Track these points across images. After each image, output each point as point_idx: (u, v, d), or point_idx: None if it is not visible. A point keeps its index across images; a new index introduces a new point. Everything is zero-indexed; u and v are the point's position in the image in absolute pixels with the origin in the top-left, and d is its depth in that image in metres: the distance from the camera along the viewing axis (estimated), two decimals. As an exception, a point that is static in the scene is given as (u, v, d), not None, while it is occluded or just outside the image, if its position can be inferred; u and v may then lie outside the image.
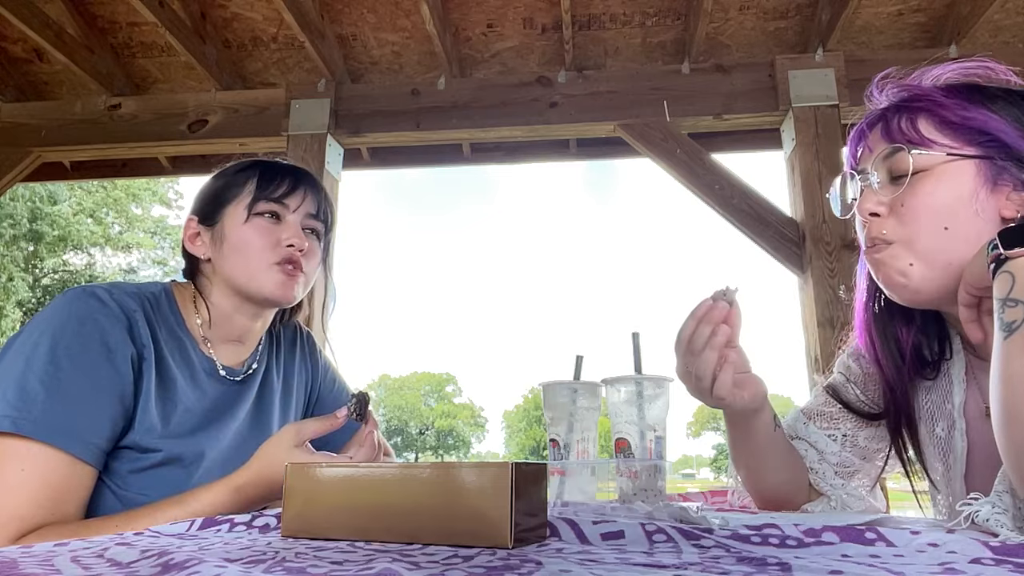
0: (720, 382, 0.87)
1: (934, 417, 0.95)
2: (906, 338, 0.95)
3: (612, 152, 3.52)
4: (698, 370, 0.87)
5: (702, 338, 0.86)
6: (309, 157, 2.91)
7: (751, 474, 1.03)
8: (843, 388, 1.07)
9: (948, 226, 0.80)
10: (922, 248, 0.82)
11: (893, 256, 0.84)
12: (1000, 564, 0.45)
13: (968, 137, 0.82)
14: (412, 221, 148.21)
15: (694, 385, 0.89)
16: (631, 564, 0.45)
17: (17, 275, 19.48)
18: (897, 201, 0.84)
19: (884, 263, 0.85)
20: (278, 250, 1.07)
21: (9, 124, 3.17)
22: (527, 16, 2.89)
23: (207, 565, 0.41)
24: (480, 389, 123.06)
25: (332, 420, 0.96)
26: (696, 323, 0.87)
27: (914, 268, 0.83)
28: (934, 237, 0.81)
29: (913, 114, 0.86)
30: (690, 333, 0.87)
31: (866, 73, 2.74)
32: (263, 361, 1.17)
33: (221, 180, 1.13)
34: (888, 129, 0.87)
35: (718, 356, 0.86)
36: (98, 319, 0.93)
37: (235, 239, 1.07)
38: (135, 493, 0.94)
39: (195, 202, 1.15)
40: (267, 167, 1.12)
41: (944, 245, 0.81)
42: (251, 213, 1.07)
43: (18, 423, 0.84)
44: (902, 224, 0.83)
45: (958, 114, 0.83)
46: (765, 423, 0.96)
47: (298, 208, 1.11)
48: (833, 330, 2.51)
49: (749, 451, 0.99)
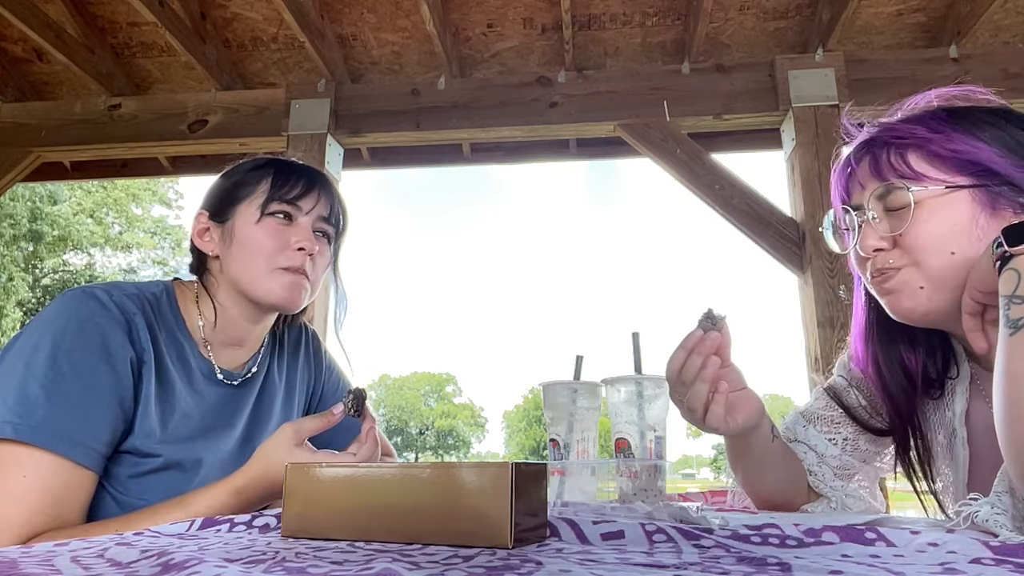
0: (712, 413, 0.87)
1: (936, 426, 0.95)
2: (914, 362, 0.95)
3: (612, 152, 3.52)
4: (689, 402, 0.87)
5: (693, 369, 0.86)
6: (309, 157, 2.91)
7: (749, 481, 1.03)
8: (844, 392, 1.06)
9: (954, 251, 0.82)
10: (932, 271, 0.83)
11: (903, 281, 0.85)
12: (1000, 564, 0.45)
13: (959, 168, 0.83)
14: (412, 221, 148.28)
15: (687, 415, 0.90)
16: (631, 564, 0.45)
17: (17, 275, 19.47)
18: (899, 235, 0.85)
19: (896, 289, 0.86)
20: (287, 253, 1.05)
21: (9, 124, 3.17)
22: (527, 16, 2.89)
23: (207, 565, 0.41)
24: (480, 389, 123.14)
25: (329, 417, 0.95)
26: (686, 354, 0.86)
27: (925, 291, 0.84)
28: (942, 260, 0.82)
29: (901, 149, 0.86)
30: (680, 364, 0.87)
31: (866, 73, 2.77)
32: (263, 364, 1.16)
33: (234, 177, 1.11)
34: (877, 164, 0.88)
35: (709, 388, 0.86)
36: (98, 322, 0.92)
37: (245, 238, 1.05)
38: (135, 498, 0.94)
39: (206, 197, 1.13)
40: (282, 166, 1.10)
41: (952, 268, 0.82)
42: (264, 213, 1.05)
43: (19, 429, 0.84)
44: (908, 252, 0.84)
45: (946, 147, 0.84)
46: (762, 437, 0.96)
47: (311, 210, 1.09)
48: (833, 330, 2.51)
49: (747, 462, 1.00)
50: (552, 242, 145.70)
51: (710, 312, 0.88)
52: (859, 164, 0.91)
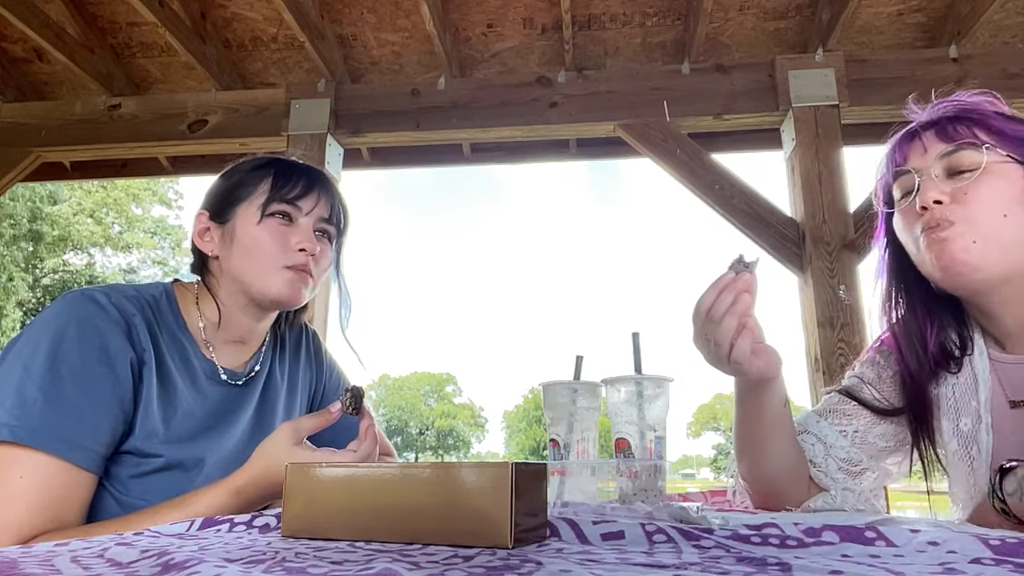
0: (738, 348, 0.87)
1: (959, 412, 0.97)
2: (930, 331, 1.00)
3: (612, 152, 3.52)
4: (717, 337, 0.87)
5: (723, 305, 0.87)
6: (309, 157, 2.91)
7: (753, 457, 1.02)
8: (858, 389, 1.08)
9: (1007, 214, 0.90)
10: (985, 228, 0.90)
11: (958, 234, 0.90)
12: (1000, 564, 0.45)
13: (1015, 145, 0.93)
14: (413, 221, 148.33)
15: (712, 352, 0.90)
16: (631, 564, 0.45)
17: (17, 275, 19.48)
18: (960, 191, 0.92)
19: (949, 240, 0.91)
20: (288, 254, 1.05)
21: (9, 124, 3.17)
22: (527, 16, 2.89)
23: (207, 565, 0.41)
24: (480, 389, 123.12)
25: (326, 415, 0.95)
26: (717, 293, 0.87)
27: (977, 245, 0.90)
28: (995, 220, 0.90)
29: (967, 123, 0.95)
30: (711, 302, 0.87)
31: (866, 73, 2.77)
32: (266, 363, 1.16)
33: (235, 177, 1.11)
34: (945, 132, 0.96)
35: (738, 323, 0.87)
36: (97, 324, 0.92)
37: (246, 239, 1.05)
38: (136, 498, 0.94)
39: (206, 197, 1.12)
40: (282, 166, 1.10)
41: (1004, 229, 0.90)
42: (264, 214, 1.05)
43: (16, 431, 0.84)
44: (965, 207, 0.91)
45: (1007, 125, 0.94)
46: (776, 397, 0.96)
47: (311, 211, 1.08)
48: (833, 330, 2.51)
49: (754, 429, 0.99)
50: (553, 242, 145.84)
51: (741, 257, 0.89)
52: (925, 132, 0.98)
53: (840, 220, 2.62)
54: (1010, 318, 0.94)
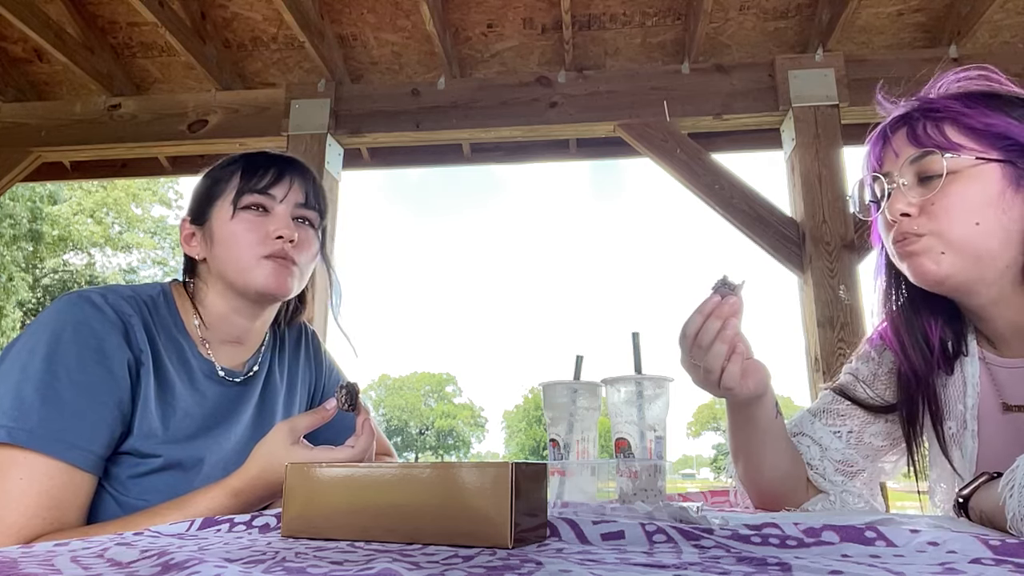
0: (729, 373, 0.87)
1: (945, 415, 0.97)
2: (934, 328, 0.98)
3: (612, 152, 3.53)
4: (707, 363, 0.87)
5: (711, 333, 0.86)
6: (309, 157, 2.91)
7: (749, 465, 1.02)
8: (852, 387, 1.08)
9: (979, 222, 0.85)
10: (954, 239, 0.86)
11: (926, 248, 0.88)
12: (1000, 564, 0.45)
13: (991, 142, 0.86)
14: (414, 221, 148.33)
15: (702, 377, 0.90)
16: (631, 564, 0.45)
17: (17, 275, 19.47)
18: (928, 201, 0.88)
19: (916, 253, 0.89)
20: (267, 243, 1.04)
21: (9, 124, 3.17)
22: (527, 16, 2.89)
23: (207, 565, 0.41)
24: (480, 389, 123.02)
25: (322, 412, 0.95)
26: (703, 319, 0.87)
27: (946, 256, 0.87)
28: (965, 229, 0.85)
29: (938, 121, 0.90)
30: (697, 328, 0.87)
31: (866, 73, 2.77)
32: (265, 363, 1.16)
33: (209, 178, 1.11)
34: (915, 134, 0.91)
35: (728, 349, 0.87)
36: (93, 325, 0.93)
37: (223, 235, 1.05)
38: (135, 498, 0.94)
39: (188, 202, 1.14)
40: (251, 158, 1.10)
41: (975, 238, 0.85)
42: (236, 208, 1.05)
43: (14, 433, 0.84)
44: (933, 220, 0.87)
45: (981, 121, 0.88)
46: (767, 409, 0.96)
47: (285, 198, 1.07)
48: (833, 330, 2.51)
49: (748, 440, 0.99)
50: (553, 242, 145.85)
51: (725, 278, 0.88)
52: (895, 134, 0.94)
53: (840, 220, 2.62)
54: (1001, 320, 0.92)
